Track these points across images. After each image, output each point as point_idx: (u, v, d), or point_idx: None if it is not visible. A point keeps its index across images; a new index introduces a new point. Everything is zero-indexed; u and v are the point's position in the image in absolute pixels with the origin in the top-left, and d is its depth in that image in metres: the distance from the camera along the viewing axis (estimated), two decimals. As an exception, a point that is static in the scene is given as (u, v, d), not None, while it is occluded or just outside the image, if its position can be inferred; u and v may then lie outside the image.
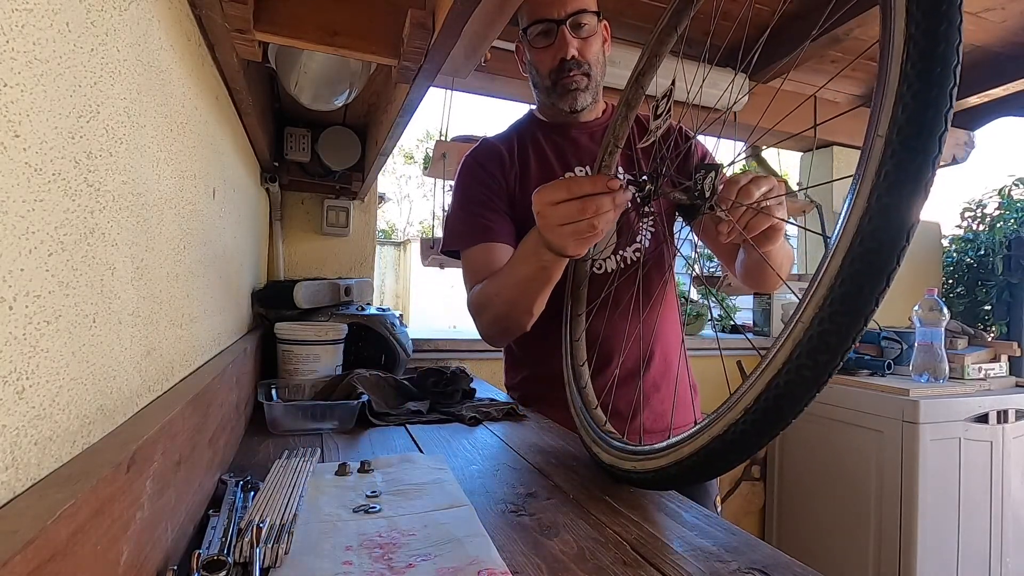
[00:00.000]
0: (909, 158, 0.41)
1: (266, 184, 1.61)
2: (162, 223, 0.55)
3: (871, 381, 1.92)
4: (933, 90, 0.40)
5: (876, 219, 0.42)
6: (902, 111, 0.41)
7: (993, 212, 2.60)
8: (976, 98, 2.28)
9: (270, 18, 0.80)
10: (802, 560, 0.48)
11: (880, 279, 0.42)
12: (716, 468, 0.53)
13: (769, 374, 0.47)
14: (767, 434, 0.49)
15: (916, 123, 0.40)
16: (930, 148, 0.40)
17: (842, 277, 0.43)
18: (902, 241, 0.42)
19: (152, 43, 0.52)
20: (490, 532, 0.52)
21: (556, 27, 1.00)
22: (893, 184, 0.41)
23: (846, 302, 0.43)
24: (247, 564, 0.46)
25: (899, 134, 0.41)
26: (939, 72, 0.40)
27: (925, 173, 0.41)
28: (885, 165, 0.41)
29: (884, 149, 0.41)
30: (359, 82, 1.25)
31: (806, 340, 0.45)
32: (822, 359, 0.44)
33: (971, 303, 2.57)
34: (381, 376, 1.10)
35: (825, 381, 0.45)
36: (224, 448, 0.72)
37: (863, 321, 0.43)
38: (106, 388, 0.41)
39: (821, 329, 0.44)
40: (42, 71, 0.32)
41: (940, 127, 0.40)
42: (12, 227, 0.29)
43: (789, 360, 0.46)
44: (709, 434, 0.52)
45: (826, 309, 0.44)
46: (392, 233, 12.46)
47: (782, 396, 0.46)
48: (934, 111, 0.40)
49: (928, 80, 0.40)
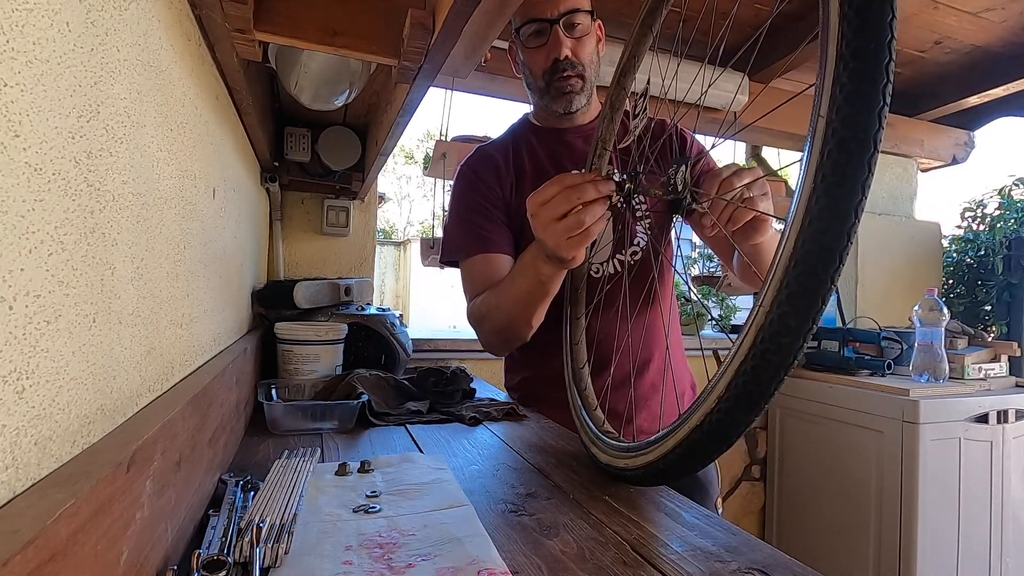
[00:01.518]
0: (850, 136, 0.41)
1: (266, 184, 1.61)
2: (162, 223, 0.55)
3: (871, 381, 1.92)
4: (868, 67, 0.41)
5: (823, 199, 0.43)
6: (840, 91, 0.41)
7: (993, 212, 2.60)
8: (976, 98, 2.28)
9: (270, 18, 0.80)
10: (802, 560, 0.48)
11: (832, 258, 0.43)
12: (699, 459, 0.54)
13: (737, 361, 0.48)
14: (742, 420, 0.50)
15: (854, 101, 0.41)
16: (870, 125, 0.41)
17: (795, 259, 0.44)
18: (850, 219, 0.42)
19: (152, 43, 0.52)
20: (490, 532, 0.52)
21: (549, 27, 1.00)
22: (837, 163, 0.42)
23: (801, 283, 0.44)
24: (247, 564, 0.45)
25: (839, 113, 0.41)
26: (873, 48, 0.41)
27: (867, 150, 0.41)
28: (828, 145, 0.42)
29: (826, 130, 0.42)
30: (359, 82, 1.25)
31: (768, 324, 0.46)
32: (785, 342, 0.45)
33: (971, 303, 2.57)
34: (381, 376, 1.10)
35: (791, 363, 0.46)
36: (224, 448, 0.72)
37: (820, 301, 0.44)
38: (106, 388, 0.41)
39: (780, 312, 0.45)
40: (42, 71, 0.32)
41: (878, 103, 0.41)
42: (12, 227, 0.29)
43: (754, 346, 0.47)
44: (689, 425, 0.53)
45: (783, 292, 0.45)
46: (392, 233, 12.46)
47: (751, 382, 0.47)
48: (871, 87, 0.41)
49: (863, 57, 0.41)
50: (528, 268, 0.84)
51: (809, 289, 0.44)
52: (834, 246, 0.43)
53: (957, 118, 2.53)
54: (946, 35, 1.98)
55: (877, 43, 0.40)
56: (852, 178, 0.42)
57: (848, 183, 0.42)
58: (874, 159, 0.41)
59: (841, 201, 0.42)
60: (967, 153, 2.67)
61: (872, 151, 0.41)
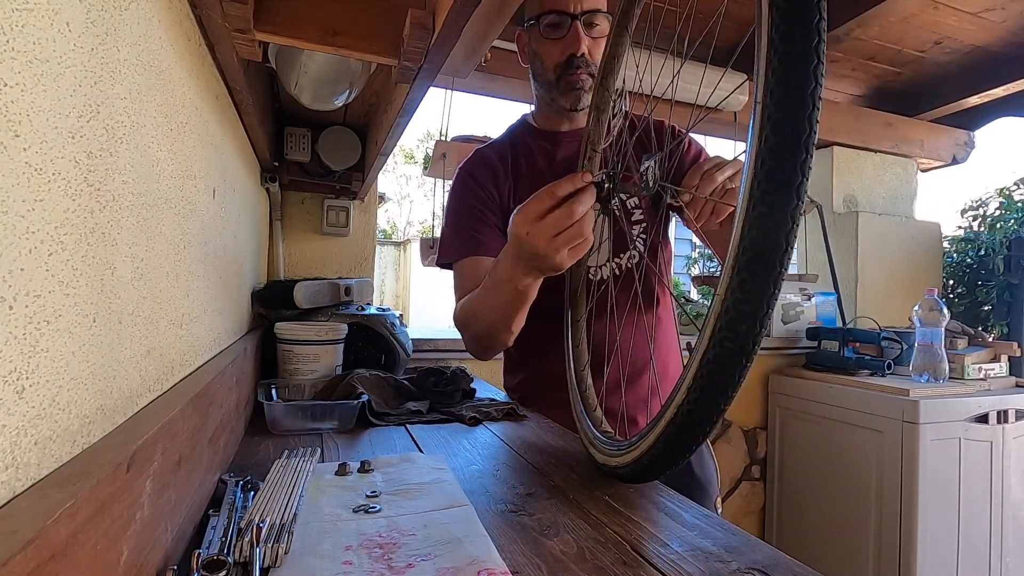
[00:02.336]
0: (784, 119, 0.42)
1: (266, 184, 1.61)
2: (162, 223, 0.55)
3: (871, 381, 1.92)
4: (798, 47, 0.41)
5: (763, 183, 0.43)
6: (772, 74, 0.42)
7: (993, 212, 2.60)
8: (976, 98, 2.28)
9: (270, 18, 0.80)
10: (802, 560, 0.48)
11: (778, 241, 0.44)
12: (679, 451, 0.55)
13: (700, 351, 0.49)
14: (713, 410, 0.50)
15: (785, 84, 0.42)
16: (803, 106, 0.42)
17: (743, 246, 0.45)
18: (792, 200, 0.43)
19: (152, 43, 0.52)
20: (490, 532, 0.52)
21: (570, 21, 0.99)
22: (774, 147, 0.42)
23: (751, 269, 0.45)
24: (247, 564, 0.45)
25: (772, 97, 0.42)
26: (803, 29, 0.41)
27: (802, 132, 0.42)
28: (764, 130, 0.43)
29: (762, 114, 0.43)
30: (359, 82, 1.25)
31: (724, 313, 0.47)
32: (741, 328, 0.46)
33: (971, 303, 2.57)
34: (381, 376, 1.10)
35: (752, 349, 0.47)
36: (224, 448, 0.72)
37: (772, 285, 0.45)
38: (106, 388, 0.41)
39: (734, 299, 0.46)
40: (42, 71, 0.32)
41: (810, 83, 0.41)
42: (12, 227, 0.29)
43: (713, 335, 0.47)
44: (665, 419, 0.54)
45: (735, 279, 0.45)
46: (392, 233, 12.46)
47: (714, 371, 0.48)
48: (803, 67, 0.41)
49: (792, 38, 0.41)
50: (504, 281, 0.81)
51: (759, 274, 0.45)
52: (779, 229, 0.43)
53: (957, 118, 2.53)
54: (946, 35, 1.98)
55: (806, 24, 0.41)
56: (790, 161, 0.42)
57: (786, 165, 0.42)
58: (811, 140, 0.42)
59: (781, 185, 0.43)
60: (967, 153, 2.67)
61: (808, 132, 0.42)
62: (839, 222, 2.47)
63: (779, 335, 2.23)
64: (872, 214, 2.48)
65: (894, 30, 1.96)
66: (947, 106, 2.39)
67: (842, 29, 1.75)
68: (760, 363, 2.24)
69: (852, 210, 2.49)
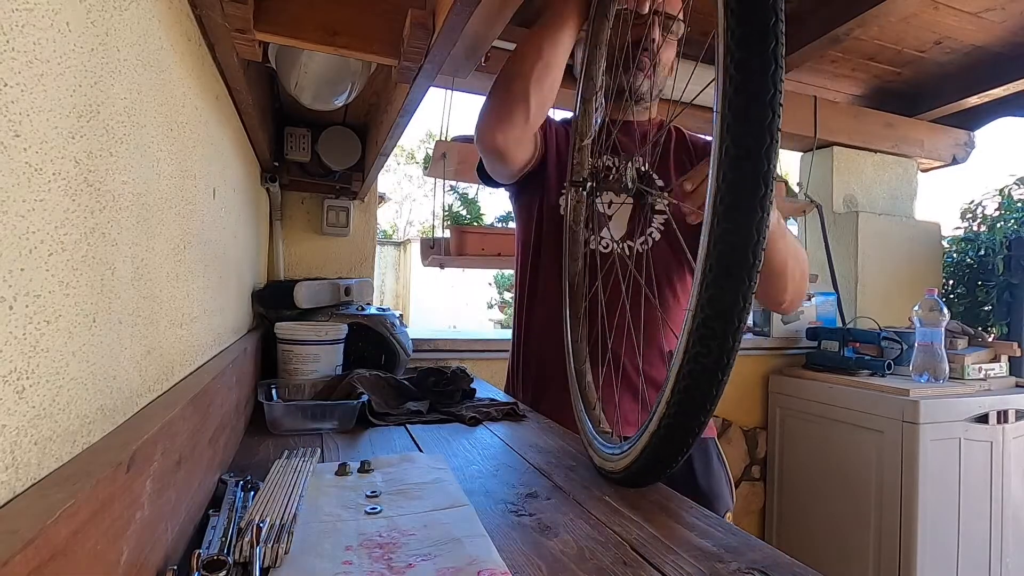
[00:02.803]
0: (743, 131, 0.41)
1: (266, 184, 1.61)
2: (162, 223, 0.55)
3: (871, 381, 1.92)
4: (754, 52, 0.41)
5: (726, 198, 0.43)
6: (729, 83, 0.41)
7: (993, 212, 2.60)
8: (976, 98, 2.28)
9: (270, 18, 0.80)
10: (802, 560, 0.48)
11: (744, 256, 0.43)
12: (663, 462, 0.56)
13: (676, 366, 0.49)
14: (691, 423, 0.50)
15: (743, 92, 0.41)
16: (762, 115, 0.41)
17: (710, 262, 0.44)
18: (756, 213, 0.42)
19: (152, 43, 0.52)
20: (490, 532, 0.52)
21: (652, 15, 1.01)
22: (734, 159, 0.42)
23: (719, 284, 0.44)
24: (247, 564, 0.45)
25: (731, 107, 0.42)
26: (758, 33, 0.41)
27: (761, 144, 0.41)
28: (724, 141, 0.42)
29: (721, 124, 0.42)
30: (359, 82, 1.25)
31: (695, 328, 0.46)
32: (713, 344, 0.46)
33: (971, 303, 2.57)
34: (381, 376, 1.10)
35: (726, 364, 0.46)
36: (224, 448, 0.72)
37: (741, 299, 0.44)
38: (106, 388, 0.41)
39: (704, 316, 0.45)
40: (42, 71, 0.32)
41: (769, 90, 0.41)
42: (12, 227, 0.29)
43: (687, 350, 0.47)
44: (649, 431, 0.54)
45: (704, 295, 0.45)
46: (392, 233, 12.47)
47: (690, 386, 0.48)
48: (760, 74, 0.41)
49: (748, 44, 0.41)
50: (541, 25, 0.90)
51: (727, 290, 0.44)
52: (744, 243, 0.43)
53: (957, 118, 2.53)
54: (946, 35, 1.98)
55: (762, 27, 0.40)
56: (752, 174, 0.42)
57: (749, 178, 0.42)
58: (772, 153, 0.41)
59: (744, 196, 0.42)
60: (967, 153, 2.67)
61: (768, 144, 0.41)
62: (839, 222, 2.47)
63: (779, 335, 2.23)
64: (872, 214, 2.48)
65: (894, 30, 1.96)
66: (947, 106, 2.39)
67: (842, 29, 1.75)
68: (760, 363, 2.24)
69: (852, 210, 2.49)
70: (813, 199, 2.40)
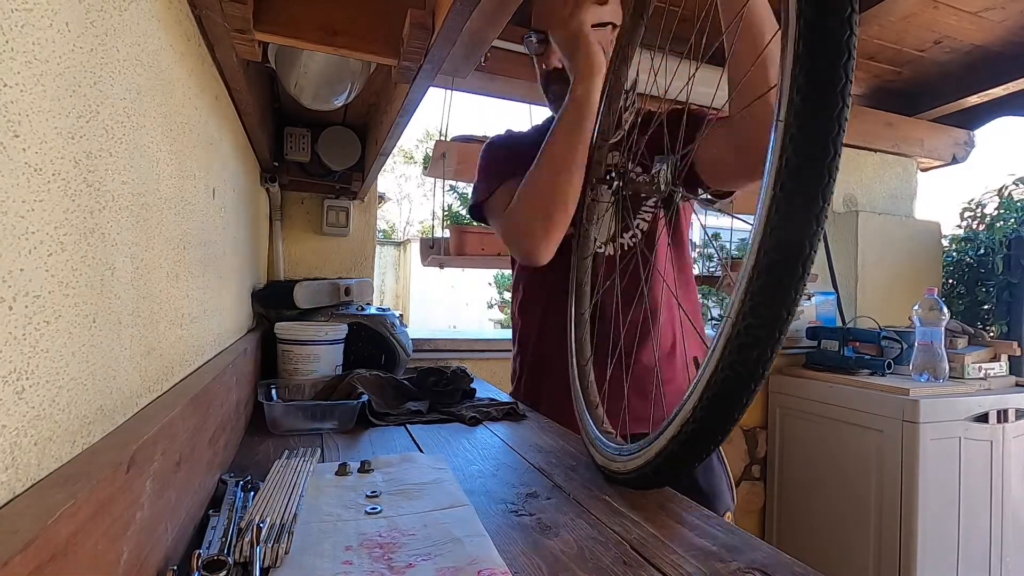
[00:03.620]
0: (807, 141, 0.40)
1: (266, 184, 1.61)
2: (162, 223, 0.55)
3: (871, 381, 1.92)
4: (825, 70, 0.39)
5: (782, 207, 0.41)
6: (797, 92, 0.40)
7: (993, 212, 2.60)
8: (976, 98, 2.28)
9: (270, 18, 0.80)
10: (802, 560, 0.48)
11: (795, 267, 0.42)
12: (680, 466, 0.55)
13: (709, 372, 0.47)
14: (717, 431, 0.49)
15: (811, 104, 0.39)
16: (829, 128, 0.39)
17: (758, 270, 0.43)
18: (812, 226, 0.41)
19: (152, 43, 0.52)
20: (490, 532, 0.52)
21: (546, 37, 1.01)
22: (793, 170, 0.40)
23: (765, 294, 0.43)
24: (247, 564, 0.45)
25: (796, 118, 0.40)
26: (831, 47, 0.39)
27: (825, 156, 0.40)
28: (786, 151, 0.41)
29: (784, 134, 0.41)
30: (359, 82, 1.25)
31: (735, 337, 0.45)
32: (752, 355, 0.44)
33: (971, 303, 2.57)
34: (381, 376, 1.10)
35: (761, 375, 0.45)
36: (224, 448, 0.72)
37: (786, 312, 0.43)
38: (106, 388, 0.41)
39: (747, 324, 0.44)
40: (42, 71, 0.32)
41: (837, 104, 0.39)
42: (12, 227, 0.29)
43: (723, 358, 0.46)
44: (668, 435, 0.53)
45: (747, 304, 0.44)
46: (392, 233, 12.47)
47: (721, 394, 0.47)
48: (829, 89, 0.39)
49: (820, 55, 0.39)
50: (562, 113, 0.90)
51: (774, 300, 0.43)
52: (795, 255, 0.42)
53: (957, 118, 2.53)
54: (946, 35, 1.98)
55: (835, 41, 0.39)
56: (812, 185, 0.40)
57: (807, 191, 0.40)
58: (835, 164, 0.40)
59: (799, 216, 0.41)
60: (967, 153, 2.67)
61: (831, 158, 0.40)
62: (839, 222, 2.47)
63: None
64: (872, 214, 2.48)
65: (894, 30, 1.96)
66: (947, 106, 2.39)
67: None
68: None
69: (852, 210, 2.49)
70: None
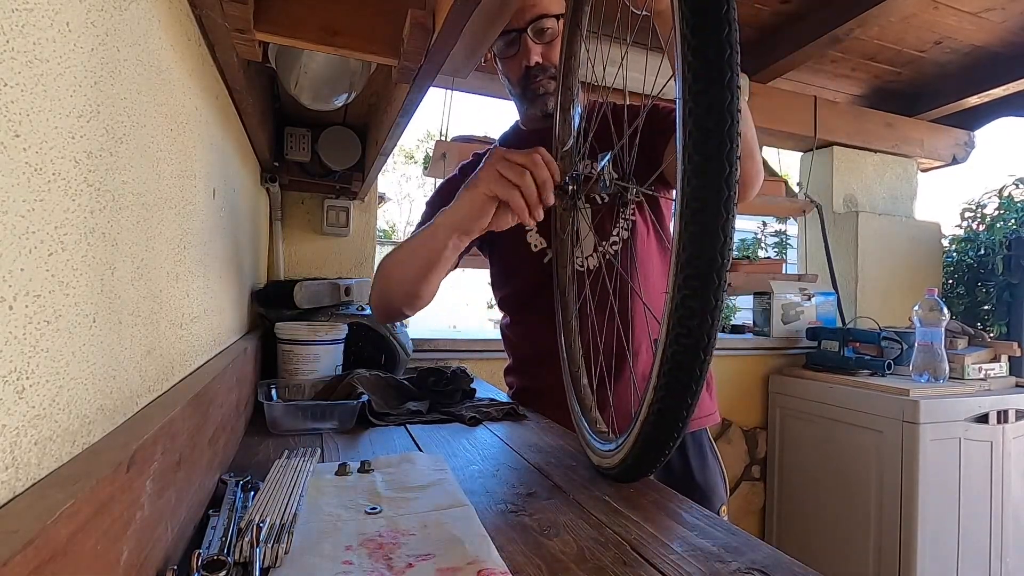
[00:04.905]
0: (705, 115, 0.43)
1: (266, 184, 1.61)
2: (162, 223, 0.55)
3: (871, 381, 1.92)
4: (710, 41, 0.42)
5: (692, 180, 0.44)
6: (688, 69, 0.43)
7: (993, 212, 2.60)
8: (976, 98, 2.28)
9: (270, 18, 0.80)
10: (802, 560, 0.48)
11: (715, 234, 0.45)
12: (657, 449, 0.56)
13: (660, 350, 0.50)
14: (680, 407, 0.51)
15: (702, 77, 0.43)
16: (723, 118, 0.42)
17: (683, 242, 0.46)
18: (724, 191, 0.44)
19: (152, 43, 0.52)
20: (490, 532, 0.52)
21: (519, 36, 1.02)
22: (697, 143, 0.43)
23: (693, 264, 0.46)
24: (247, 564, 0.45)
25: (691, 93, 0.43)
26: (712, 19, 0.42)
27: (723, 122, 0.43)
28: (687, 127, 0.44)
29: (683, 110, 0.44)
30: (359, 82, 1.25)
31: (674, 310, 0.48)
32: (693, 324, 0.47)
33: (971, 303, 2.57)
34: (381, 376, 1.10)
35: (707, 344, 0.48)
36: (224, 448, 0.72)
37: (716, 278, 0.46)
38: (106, 388, 0.41)
39: (682, 296, 0.47)
40: (42, 71, 0.32)
41: (727, 74, 0.42)
42: (12, 227, 0.29)
43: (668, 333, 0.48)
44: (640, 420, 0.55)
45: (680, 276, 0.47)
46: (392, 233, 12.47)
47: (674, 368, 0.49)
48: (716, 59, 0.42)
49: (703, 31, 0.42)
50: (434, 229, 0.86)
51: (701, 269, 0.46)
52: (713, 222, 0.44)
53: (957, 118, 2.53)
54: (946, 35, 1.98)
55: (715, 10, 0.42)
56: (716, 151, 0.43)
57: (713, 158, 0.43)
58: (732, 130, 0.43)
59: (711, 177, 0.44)
60: (967, 153, 2.67)
61: (730, 144, 0.43)
62: (839, 222, 2.47)
63: (779, 335, 2.23)
64: (872, 214, 2.49)
65: (894, 30, 1.96)
66: (947, 106, 2.39)
67: (842, 29, 1.75)
68: (760, 363, 2.24)
69: (852, 210, 2.49)
70: (813, 199, 2.41)
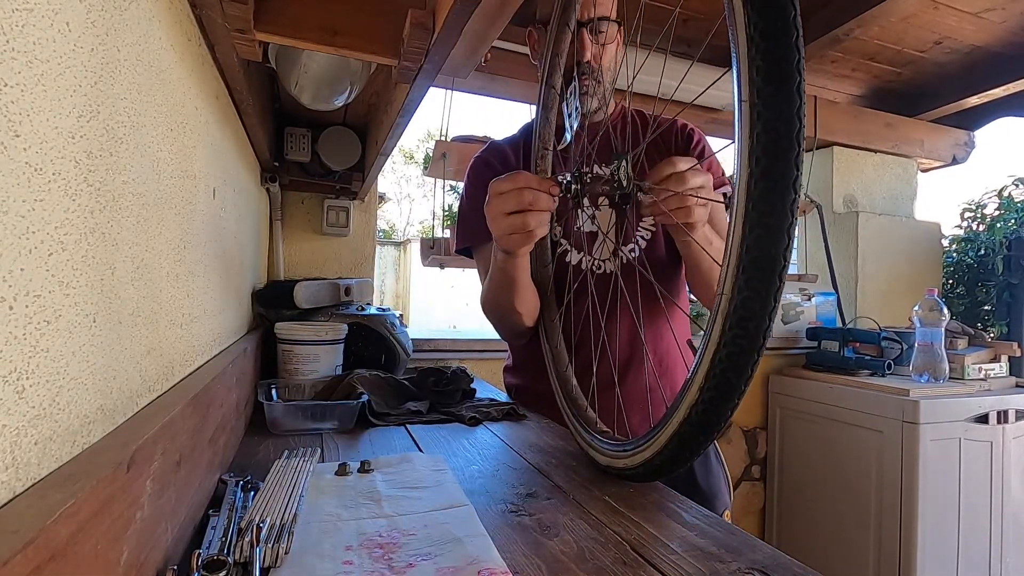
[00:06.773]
0: (774, 116, 0.43)
1: (266, 184, 1.61)
2: (162, 223, 0.55)
3: (871, 381, 1.92)
4: (780, 42, 0.42)
5: (760, 181, 0.44)
6: (757, 72, 0.43)
7: (993, 212, 2.60)
8: (976, 98, 2.28)
9: (270, 18, 0.80)
10: (802, 560, 0.48)
11: (780, 236, 0.45)
12: (692, 449, 0.56)
13: (711, 350, 0.50)
14: (726, 407, 0.51)
15: (773, 80, 0.43)
16: (791, 100, 0.42)
17: (747, 244, 0.46)
18: (790, 195, 0.44)
19: (152, 43, 0.52)
20: (490, 532, 0.52)
21: (579, 29, 1.00)
22: (766, 145, 0.43)
23: (757, 265, 0.46)
24: (247, 564, 0.45)
25: (759, 96, 0.43)
26: (780, 25, 0.43)
27: (792, 127, 0.43)
28: (755, 128, 0.43)
29: (751, 113, 0.44)
30: (359, 82, 1.25)
31: (732, 311, 0.47)
32: (752, 325, 0.47)
33: (971, 303, 2.57)
34: (381, 376, 1.10)
35: (762, 344, 0.48)
36: (224, 448, 0.72)
37: (778, 279, 0.46)
38: (106, 388, 0.41)
39: (742, 297, 0.47)
40: (42, 71, 0.32)
41: (795, 79, 0.42)
42: (12, 227, 0.29)
43: (723, 333, 0.48)
44: (677, 419, 0.54)
45: (741, 277, 0.46)
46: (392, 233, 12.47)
47: (727, 369, 0.49)
48: (786, 64, 0.42)
49: (773, 34, 0.42)
50: (495, 257, 0.89)
51: (764, 270, 0.45)
52: (779, 224, 0.44)
53: (957, 118, 2.53)
54: (946, 35, 1.98)
55: (783, 19, 0.42)
56: (784, 155, 0.43)
57: (781, 160, 0.43)
58: (800, 135, 0.43)
59: (779, 180, 0.44)
60: (967, 153, 2.67)
61: (798, 127, 0.43)
62: (839, 222, 2.47)
63: (779, 335, 2.23)
64: (872, 214, 2.48)
65: (894, 30, 1.96)
66: (947, 106, 2.39)
67: (842, 29, 1.75)
68: (760, 363, 2.24)
69: (852, 210, 2.49)
70: (813, 199, 2.40)
